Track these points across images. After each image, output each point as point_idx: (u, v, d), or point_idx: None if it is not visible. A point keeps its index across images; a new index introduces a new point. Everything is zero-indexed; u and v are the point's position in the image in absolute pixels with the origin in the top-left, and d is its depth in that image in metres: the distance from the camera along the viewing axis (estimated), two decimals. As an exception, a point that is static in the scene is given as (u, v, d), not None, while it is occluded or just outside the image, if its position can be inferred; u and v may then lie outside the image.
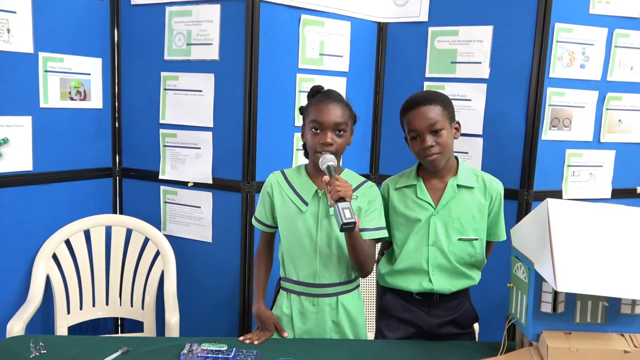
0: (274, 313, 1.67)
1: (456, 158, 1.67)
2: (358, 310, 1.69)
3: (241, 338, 1.56)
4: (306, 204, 1.62)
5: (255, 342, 1.54)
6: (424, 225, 1.62)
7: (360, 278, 1.70)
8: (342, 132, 1.57)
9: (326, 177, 1.49)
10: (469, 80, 2.31)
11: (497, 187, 1.66)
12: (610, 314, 1.35)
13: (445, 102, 1.61)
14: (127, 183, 2.51)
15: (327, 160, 1.54)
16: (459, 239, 1.61)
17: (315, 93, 1.64)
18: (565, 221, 1.32)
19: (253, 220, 1.75)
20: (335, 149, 1.56)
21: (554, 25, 2.17)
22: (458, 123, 1.65)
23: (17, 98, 2.11)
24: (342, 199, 1.44)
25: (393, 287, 1.68)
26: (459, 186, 1.62)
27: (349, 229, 1.43)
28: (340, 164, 1.65)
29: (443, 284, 1.61)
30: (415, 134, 1.59)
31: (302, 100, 2.24)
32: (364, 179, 1.69)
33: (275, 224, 1.70)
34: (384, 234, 1.63)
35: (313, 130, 1.57)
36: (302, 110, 1.67)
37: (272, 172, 1.72)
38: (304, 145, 1.69)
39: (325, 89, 1.65)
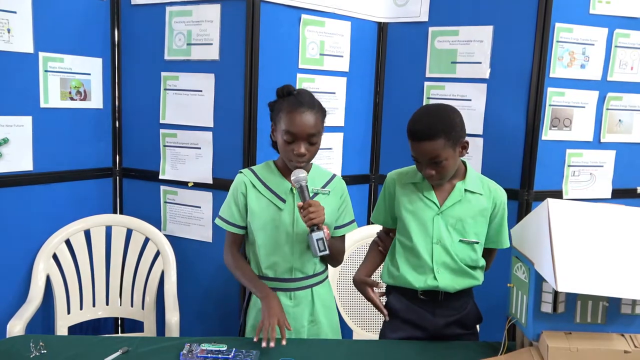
0: (250, 311, 1.72)
1: (464, 163, 1.66)
2: (330, 298, 1.77)
3: (256, 339, 1.46)
4: (284, 201, 1.64)
5: (272, 344, 1.44)
6: (427, 224, 1.62)
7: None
8: (315, 141, 1.58)
9: (300, 203, 1.54)
10: (469, 80, 2.31)
11: (501, 195, 1.65)
12: (610, 314, 1.35)
13: (449, 131, 1.50)
14: (127, 183, 2.51)
15: (300, 179, 1.54)
16: (460, 241, 1.61)
17: (287, 94, 1.61)
18: (565, 221, 1.32)
19: (218, 221, 1.71)
20: (308, 158, 1.59)
21: (554, 25, 2.16)
22: (466, 142, 1.58)
23: (18, 98, 2.12)
24: (315, 227, 1.50)
25: (397, 286, 1.67)
26: (466, 190, 1.61)
27: (323, 257, 1.57)
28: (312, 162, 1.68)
29: (447, 281, 1.60)
30: (417, 160, 1.57)
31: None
32: (332, 173, 1.72)
33: (244, 225, 1.69)
34: (355, 226, 1.71)
35: (285, 139, 1.57)
36: (272, 106, 1.65)
37: (239, 172, 1.70)
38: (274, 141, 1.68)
39: (297, 89, 1.63)
